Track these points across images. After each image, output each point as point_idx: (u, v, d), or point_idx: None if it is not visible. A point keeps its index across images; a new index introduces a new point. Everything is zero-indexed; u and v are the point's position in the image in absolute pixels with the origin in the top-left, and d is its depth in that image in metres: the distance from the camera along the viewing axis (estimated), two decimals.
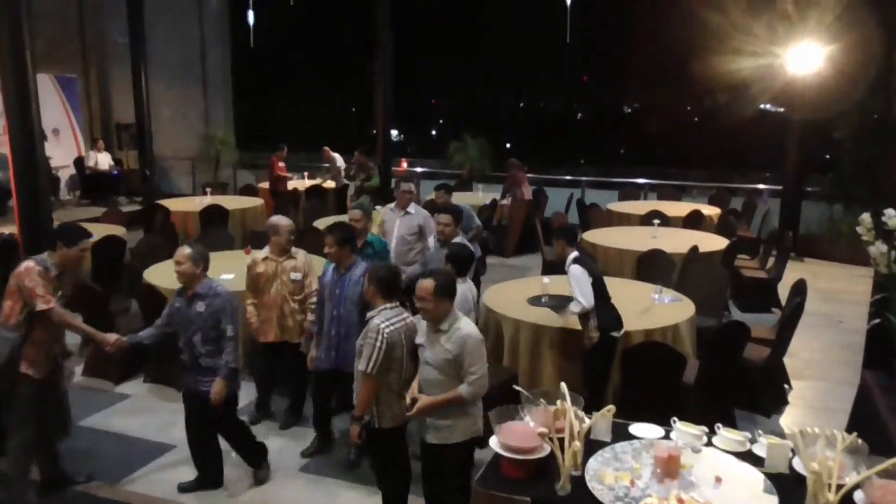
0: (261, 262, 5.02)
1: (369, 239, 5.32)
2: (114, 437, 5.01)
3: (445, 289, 3.41)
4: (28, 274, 3.82)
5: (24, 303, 3.83)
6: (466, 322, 3.49)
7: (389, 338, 3.49)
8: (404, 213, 6.35)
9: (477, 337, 3.44)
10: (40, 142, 6.85)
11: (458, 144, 14.58)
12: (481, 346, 3.45)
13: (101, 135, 15.06)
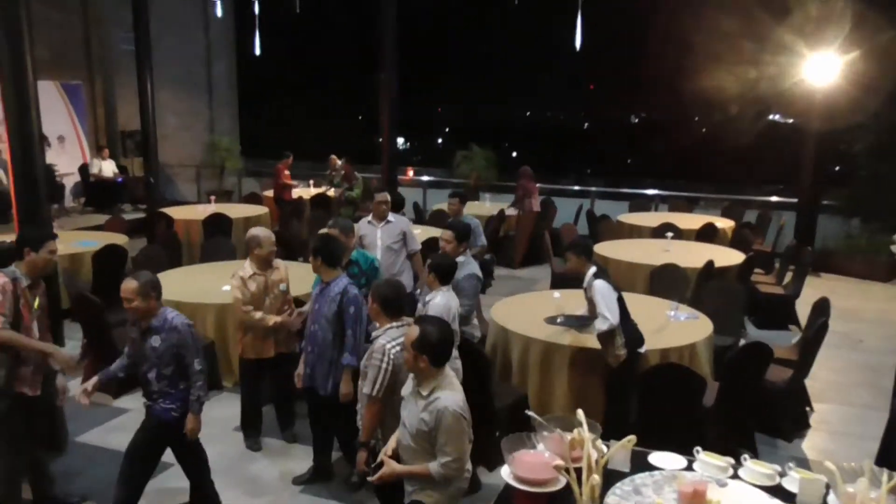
0: (248, 279, 4.79)
1: (353, 257, 5.05)
2: (110, 454, 4.79)
3: (425, 346, 2.95)
4: None
5: None
6: (449, 392, 2.98)
7: (396, 359, 3.31)
8: (384, 223, 6.13)
9: (455, 411, 2.92)
10: (40, 148, 6.74)
11: (465, 153, 14.42)
12: (460, 422, 2.94)
13: (106, 142, 14.95)
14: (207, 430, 5.10)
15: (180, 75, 15.47)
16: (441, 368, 3.01)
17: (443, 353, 3.02)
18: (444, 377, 3.02)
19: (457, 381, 3.12)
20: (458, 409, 2.94)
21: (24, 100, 6.47)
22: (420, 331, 2.97)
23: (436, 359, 2.98)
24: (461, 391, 3.06)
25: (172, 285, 6.39)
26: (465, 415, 2.97)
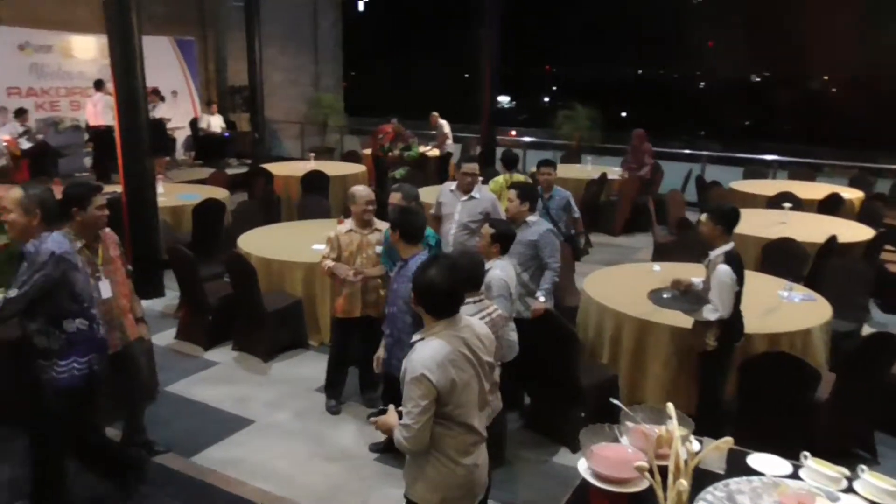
0: (344, 234, 4.69)
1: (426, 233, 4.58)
2: (195, 406, 4.93)
3: (422, 296, 2.60)
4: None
5: None
6: (427, 344, 2.55)
7: None
8: (468, 198, 5.53)
9: (414, 371, 2.48)
10: (144, 102, 6.89)
11: (567, 113, 13.86)
12: (417, 386, 2.47)
13: (215, 97, 15.41)
14: (289, 388, 5.20)
15: (287, 32, 15.65)
16: (439, 318, 2.59)
17: (441, 303, 2.59)
18: (444, 329, 2.58)
19: (465, 340, 2.60)
20: (423, 368, 2.46)
21: (130, 55, 6.61)
22: (415, 280, 2.62)
23: (434, 305, 2.59)
24: (450, 350, 2.53)
25: (265, 241, 6.46)
26: (434, 379, 2.46)
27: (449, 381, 2.51)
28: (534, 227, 4.68)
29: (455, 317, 2.61)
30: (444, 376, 2.50)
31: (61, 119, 12.20)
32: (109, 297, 3.76)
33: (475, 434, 2.68)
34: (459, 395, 2.56)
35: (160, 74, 12.18)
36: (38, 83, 11.97)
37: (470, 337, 2.62)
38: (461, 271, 2.64)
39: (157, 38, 12.60)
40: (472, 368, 2.60)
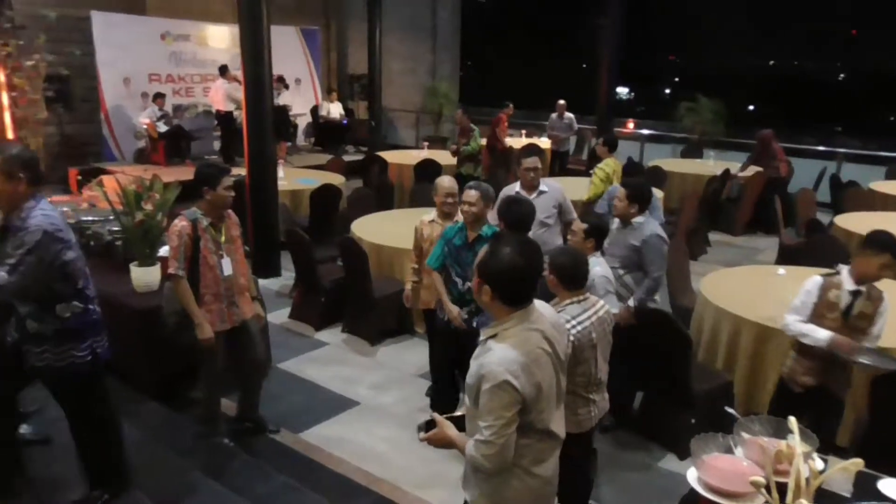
0: (427, 224, 4.58)
1: (485, 232, 4.03)
2: (304, 384, 5.11)
3: (494, 281, 2.20)
4: (170, 233, 3.80)
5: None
6: (504, 343, 2.16)
7: (577, 340, 2.96)
8: (536, 194, 5.20)
9: (495, 377, 2.09)
10: (269, 89, 7.18)
11: (690, 105, 13.25)
12: (497, 394, 2.10)
13: (335, 85, 15.89)
14: (394, 373, 5.29)
15: (406, 20, 15.86)
16: (515, 308, 2.20)
17: (517, 289, 2.20)
18: (519, 322, 2.19)
19: (544, 334, 2.22)
20: (507, 373, 2.09)
21: (259, 44, 6.90)
22: (482, 260, 2.23)
23: (511, 296, 2.20)
24: (532, 348, 2.17)
25: (378, 227, 6.59)
26: (519, 385, 2.10)
27: (535, 386, 2.15)
28: (639, 229, 4.35)
29: (529, 307, 2.23)
30: (530, 381, 2.13)
31: (195, 104, 12.96)
32: (230, 275, 3.90)
33: (553, 439, 2.32)
34: (542, 402, 2.20)
35: (286, 63, 12.68)
36: (175, 70, 12.76)
37: (548, 329, 2.25)
38: (536, 251, 2.24)
39: (284, 28, 13.12)
40: (552, 365, 2.25)
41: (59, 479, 3.63)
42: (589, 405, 3.11)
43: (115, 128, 11.80)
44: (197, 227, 3.77)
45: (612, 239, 4.40)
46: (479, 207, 4.00)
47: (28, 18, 9.36)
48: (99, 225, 5.43)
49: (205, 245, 3.79)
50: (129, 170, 10.38)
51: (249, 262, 4.24)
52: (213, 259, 3.81)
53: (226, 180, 3.79)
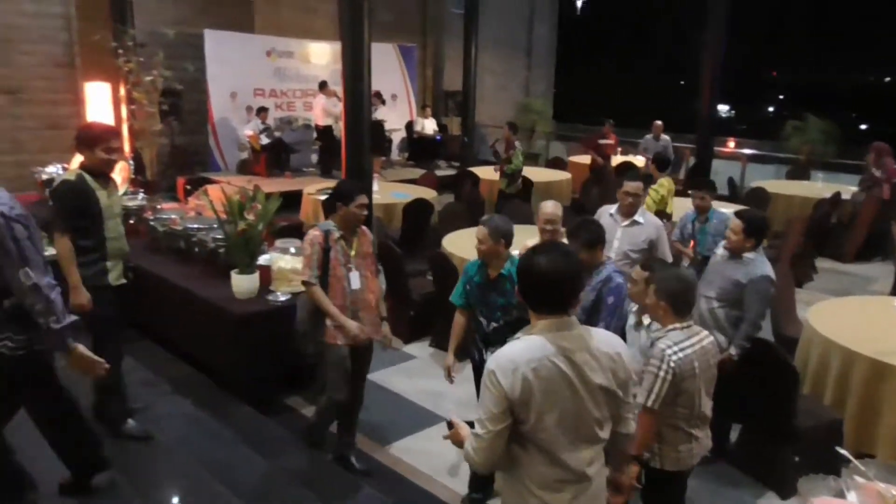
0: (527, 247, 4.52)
1: (507, 270, 3.70)
2: (392, 396, 5.16)
3: (523, 283, 2.19)
4: (304, 242, 3.90)
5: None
6: (509, 345, 2.13)
7: (678, 367, 2.83)
8: (630, 222, 4.80)
9: (487, 368, 2.09)
10: (368, 104, 7.32)
11: (797, 124, 12.65)
12: (486, 386, 2.08)
13: (430, 101, 16.11)
14: None
15: (502, 37, 15.93)
16: (542, 315, 2.12)
17: (543, 293, 2.14)
18: (544, 331, 2.11)
19: (566, 351, 2.08)
20: (495, 365, 2.06)
21: (360, 60, 7.07)
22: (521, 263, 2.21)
23: (529, 296, 2.16)
24: (539, 356, 2.06)
25: (468, 242, 6.55)
26: (502, 381, 2.03)
27: (523, 390, 2.03)
28: (749, 266, 4.01)
29: (564, 319, 2.11)
30: (517, 383, 2.02)
31: (295, 118, 13.44)
32: (357, 289, 3.92)
33: (566, 470, 2.12)
34: (542, 415, 2.05)
35: (383, 79, 12.97)
36: (278, 85, 13.29)
37: (576, 349, 2.10)
38: (576, 262, 2.17)
39: (383, 45, 13.43)
40: (569, 388, 2.07)
41: (159, 476, 3.80)
42: (690, 441, 2.95)
43: (220, 139, 12.40)
44: (329, 238, 3.85)
45: (714, 268, 4.20)
46: (488, 245, 3.65)
47: (149, 36, 9.97)
48: (204, 232, 5.69)
49: (335, 256, 3.86)
50: (232, 180, 10.85)
51: (380, 283, 4.20)
52: (342, 271, 3.87)
53: (360, 198, 3.86)
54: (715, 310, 4.09)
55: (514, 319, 3.63)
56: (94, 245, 3.79)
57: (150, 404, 4.37)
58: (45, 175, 8.37)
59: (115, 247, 3.90)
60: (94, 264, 3.80)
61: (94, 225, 3.77)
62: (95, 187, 3.75)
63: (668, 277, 3.06)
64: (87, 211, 3.73)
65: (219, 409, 4.53)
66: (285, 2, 13.46)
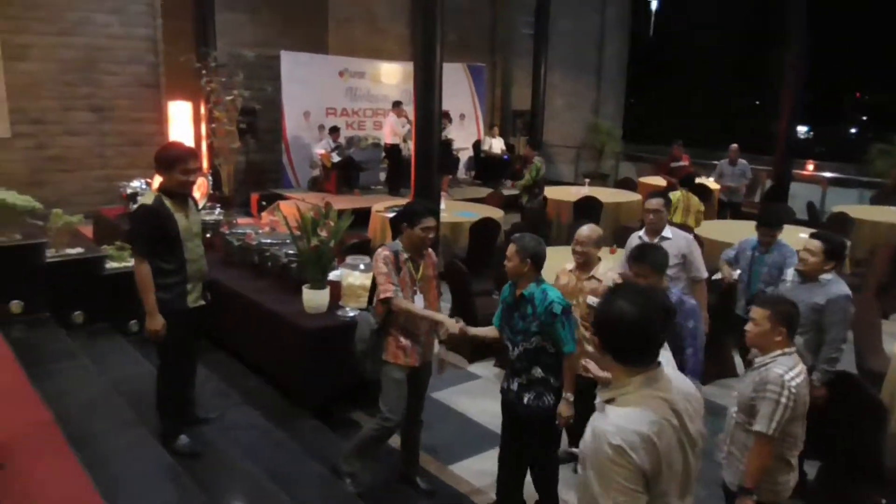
0: (565, 273, 4.24)
1: (528, 292, 3.48)
2: (456, 416, 5.14)
3: (608, 339, 1.96)
4: (376, 260, 3.87)
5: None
6: (621, 412, 1.89)
7: (797, 393, 2.76)
8: (658, 240, 4.72)
9: (610, 441, 1.84)
10: (439, 124, 7.41)
11: (883, 147, 12.12)
12: (612, 468, 1.83)
13: (498, 121, 16.16)
14: None
15: (571, 57, 15.89)
16: (634, 369, 1.93)
17: (634, 345, 1.92)
18: (642, 387, 1.91)
19: (672, 404, 1.92)
20: (622, 441, 1.82)
21: (431, 80, 7.16)
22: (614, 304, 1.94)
23: (617, 349, 1.94)
24: (656, 419, 1.87)
25: None
26: (637, 457, 1.82)
27: (652, 460, 1.84)
28: (826, 287, 3.88)
29: (658, 369, 1.95)
30: (651, 457, 1.83)
31: (365, 137, 13.70)
32: None
33: None
34: (662, 484, 1.88)
35: (452, 98, 13.10)
36: (350, 105, 13.60)
37: (678, 400, 1.94)
38: (653, 301, 1.95)
39: (452, 65, 13.58)
40: (679, 442, 1.92)
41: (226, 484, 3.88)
42: (789, 472, 2.87)
43: (293, 157, 12.75)
44: (398, 258, 3.81)
45: (789, 295, 4.05)
46: (514, 263, 3.48)
47: (230, 57, 10.39)
48: (276, 247, 5.84)
49: (402, 278, 3.80)
50: (305, 196, 11.11)
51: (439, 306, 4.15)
52: (408, 293, 3.81)
53: (426, 221, 3.76)
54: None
55: (534, 348, 3.47)
56: (173, 268, 3.81)
57: (221, 414, 4.48)
58: (129, 189, 8.73)
59: (195, 268, 3.92)
60: (173, 287, 3.82)
61: (172, 248, 3.79)
62: (174, 210, 3.78)
63: (781, 300, 3.04)
64: (165, 235, 3.75)
65: (286, 421, 4.61)
66: (358, 23, 13.80)
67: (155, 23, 10.83)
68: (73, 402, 4.08)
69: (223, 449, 4.10)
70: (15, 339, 4.69)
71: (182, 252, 3.83)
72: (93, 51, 10.43)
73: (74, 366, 4.65)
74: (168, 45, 10.90)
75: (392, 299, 3.74)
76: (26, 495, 2.89)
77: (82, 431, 3.62)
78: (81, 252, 5.75)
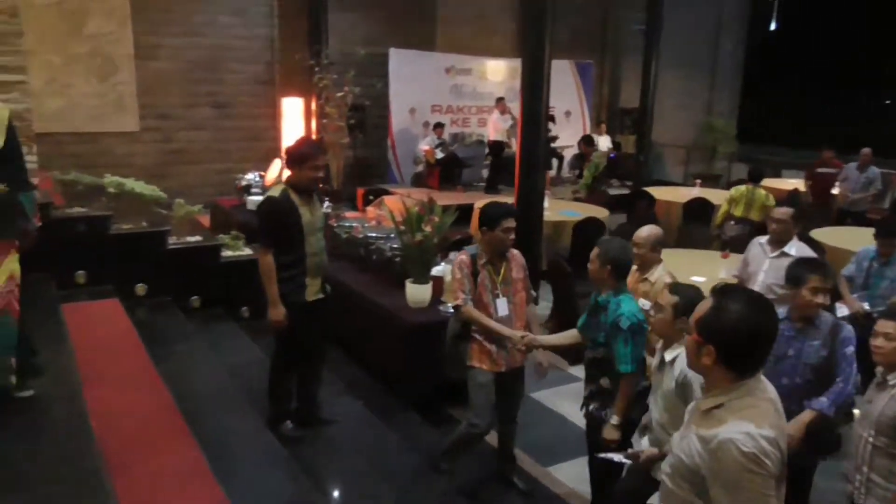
0: (634, 272, 4.01)
1: (602, 300, 3.38)
2: (555, 417, 5.09)
3: (724, 345, 1.87)
4: (455, 266, 3.86)
5: None
6: (742, 419, 1.82)
7: None
8: (778, 254, 4.36)
9: (743, 454, 1.77)
10: (545, 122, 7.32)
11: None
12: (749, 477, 1.77)
13: (605, 118, 15.82)
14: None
15: (684, 55, 15.32)
16: (743, 376, 1.87)
17: (749, 351, 1.86)
18: (751, 392, 1.87)
19: (778, 409, 1.91)
20: (751, 447, 1.76)
21: (539, 78, 7.08)
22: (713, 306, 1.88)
23: (732, 356, 1.86)
24: (774, 424, 1.84)
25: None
26: (766, 459, 1.77)
27: (781, 466, 1.82)
28: None
29: (759, 375, 1.91)
30: (778, 460, 1.80)
31: (469, 134, 13.75)
32: (504, 316, 3.78)
33: None
34: (782, 486, 1.87)
35: (558, 95, 12.91)
36: (455, 102, 13.68)
37: (778, 402, 1.93)
38: (770, 309, 1.89)
39: (559, 62, 13.40)
40: (780, 450, 1.87)
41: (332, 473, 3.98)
42: None
43: (398, 152, 12.96)
44: (476, 262, 3.76)
45: None
46: (594, 267, 3.36)
47: (341, 55, 10.69)
48: (381, 241, 5.95)
49: (482, 282, 3.75)
50: (407, 192, 11.29)
51: (533, 309, 4.13)
52: (488, 297, 3.76)
53: (506, 222, 3.67)
54: None
55: (601, 358, 3.33)
56: (294, 261, 3.87)
57: (324, 402, 4.59)
58: (244, 182, 9.16)
59: (315, 262, 3.97)
60: (292, 280, 3.88)
61: (295, 241, 3.85)
62: (299, 203, 3.85)
63: None
64: (289, 227, 3.81)
65: (386, 413, 4.69)
66: (467, 21, 13.85)
67: (272, 23, 11.30)
68: (191, 383, 4.32)
69: (327, 436, 4.22)
70: (139, 320, 5.00)
71: (304, 246, 3.88)
72: (217, 51, 11.00)
73: (192, 348, 4.92)
74: (284, 44, 11.34)
75: (461, 307, 3.71)
76: (146, 472, 3.08)
77: (198, 411, 3.81)
78: (200, 240, 6.07)
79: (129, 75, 10.27)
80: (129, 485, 2.88)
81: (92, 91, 10.06)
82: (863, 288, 4.85)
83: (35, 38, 9.25)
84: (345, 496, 3.83)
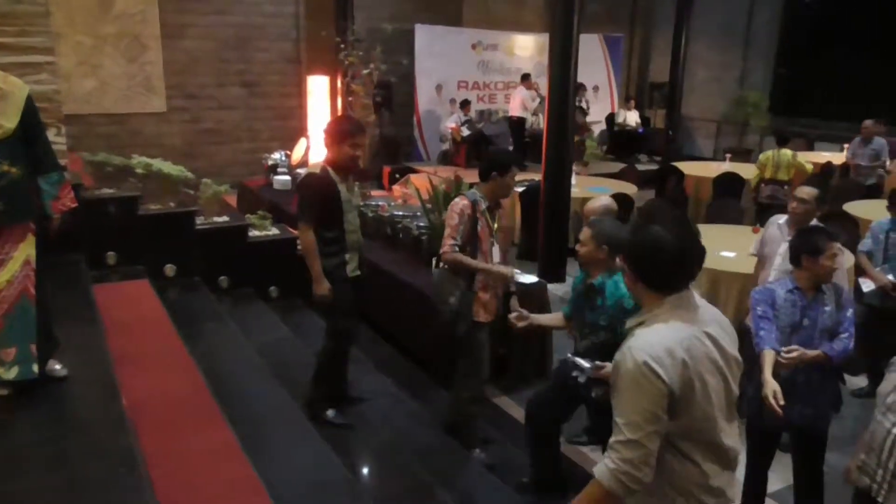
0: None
1: (598, 282, 3.26)
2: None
3: (639, 260, 1.93)
4: (451, 209, 3.78)
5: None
6: (649, 330, 1.86)
7: None
8: None
9: (634, 363, 1.79)
10: (573, 97, 7.22)
11: None
12: (638, 383, 1.79)
13: (634, 93, 15.54)
14: None
15: (717, 26, 14.95)
16: (666, 294, 1.89)
17: (667, 270, 1.89)
18: (673, 309, 1.88)
19: (712, 337, 1.89)
20: (646, 355, 1.78)
21: (567, 52, 6.95)
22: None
23: (649, 274, 1.90)
24: (687, 335, 1.84)
25: None
26: (662, 372, 1.76)
27: (684, 378, 1.79)
28: None
29: (685, 294, 1.91)
30: (679, 370, 1.78)
31: (496, 111, 13.60)
32: (497, 262, 3.85)
33: (725, 457, 1.92)
34: (701, 404, 1.83)
35: (587, 69, 12.68)
36: (482, 78, 13.53)
37: (711, 325, 1.91)
38: (689, 229, 1.91)
39: (588, 36, 13.16)
40: (714, 364, 1.88)
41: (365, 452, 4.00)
42: None
43: (424, 130, 12.89)
44: (476, 208, 3.73)
45: None
46: (589, 248, 3.25)
47: (368, 32, 10.59)
48: (409, 220, 5.92)
49: (482, 228, 3.74)
50: (433, 170, 11.23)
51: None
52: (486, 244, 3.77)
53: (515, 171, 3.79)
54: None
55: (601, 342, 3.20)
56: (334, 237, 3.86)
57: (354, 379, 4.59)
58: (271, 160, 9.18)
59: (353, 239, 3.96)
60: (334, 256, 3.87)
61: (335, 218, 3.83)
62: (337, 181, 3.83)
63: None
64: (329, 204, 3.80)
65: (418, 391, 4.70)
66: None
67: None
68: (220, 363, 4.34)
69: (358, 414, 4.23)
70: (169, 301, 5.04)
71: (343, 222, 3.87)
72: (246, 29, 10.98)
73: (222, 328, 4.94)
74: (309, 21, 11.27)
75: (451, 254, 3.69)
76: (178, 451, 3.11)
77: (228, 391, 3.83)
78: (227, 220, 6.09)
79: (157, 55, 10.31)
80: (160, 463, 2.91)
81: (121, 72, 10.12)
82: (883, 261, 4.75)
83: (65, 20, 9.32)
84: (376, 472, 3.85)
